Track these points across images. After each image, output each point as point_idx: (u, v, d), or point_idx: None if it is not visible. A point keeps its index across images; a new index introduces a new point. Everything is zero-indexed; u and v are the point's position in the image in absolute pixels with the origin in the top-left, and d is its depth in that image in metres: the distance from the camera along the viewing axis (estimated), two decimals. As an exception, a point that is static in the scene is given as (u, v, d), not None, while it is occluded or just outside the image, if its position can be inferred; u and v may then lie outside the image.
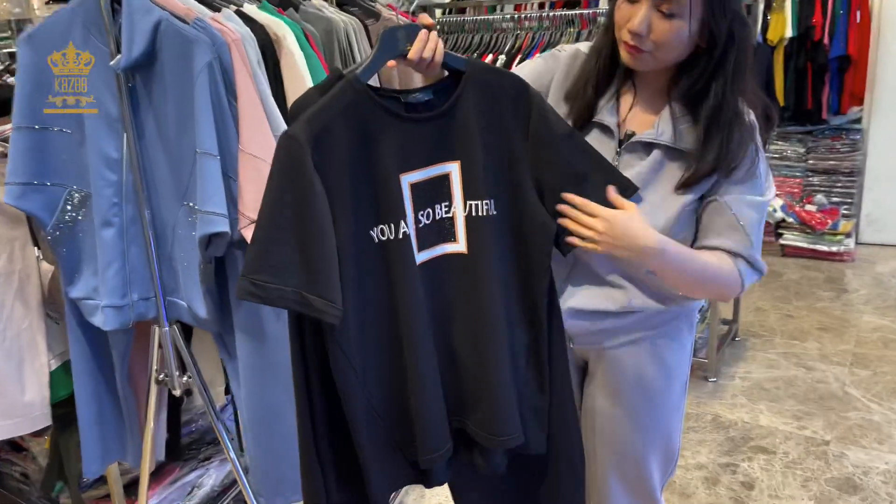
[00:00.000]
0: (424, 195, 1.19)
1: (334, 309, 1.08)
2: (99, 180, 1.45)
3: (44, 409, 1.71)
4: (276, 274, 1.06)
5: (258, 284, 1.06)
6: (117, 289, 1.50)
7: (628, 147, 1.28)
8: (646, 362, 1.39)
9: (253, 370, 1.56)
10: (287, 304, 1.07)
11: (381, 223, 1.16)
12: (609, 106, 1.31)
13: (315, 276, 1.06)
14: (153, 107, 1.44)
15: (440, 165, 1.19)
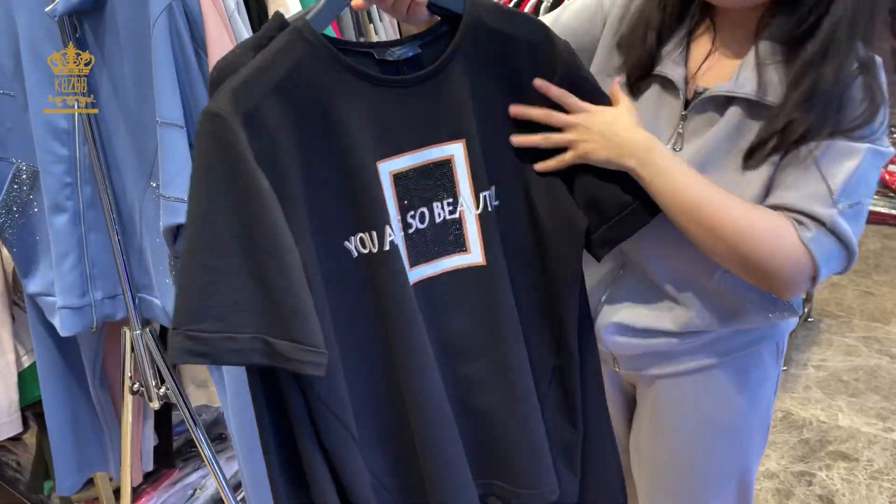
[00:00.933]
0: (415, 190, 0.90)
1: (315, 355, 0.78)
2: (47, 155, 1.19)
3: (12, 415, 1.50)
4: (223, 317, 0.76)
5: (198, 337, 0.75)
6: (75, 286, 1.24)
7: (697, 107, 0.96)
8: (712, 397, 1.09)
9: (240, 381, 1.30)
10: (245, 357, 0.77)
11: (359, 231, 0.86)
12: (676, 54, 0.98)
13: (281, 312, 0.77)
14: (107, 62, 1.16)
15: (437, 147, 0.89)
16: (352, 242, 0.87)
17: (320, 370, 0.79)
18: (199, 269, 0.76)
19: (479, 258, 0.93)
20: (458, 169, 0.91)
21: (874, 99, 0.87)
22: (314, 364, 0.78)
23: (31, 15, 1.14)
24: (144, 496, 1.82)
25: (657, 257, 1.01)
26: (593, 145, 0.90)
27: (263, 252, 0.76)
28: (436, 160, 0.90)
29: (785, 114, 0.87)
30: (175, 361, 0.78)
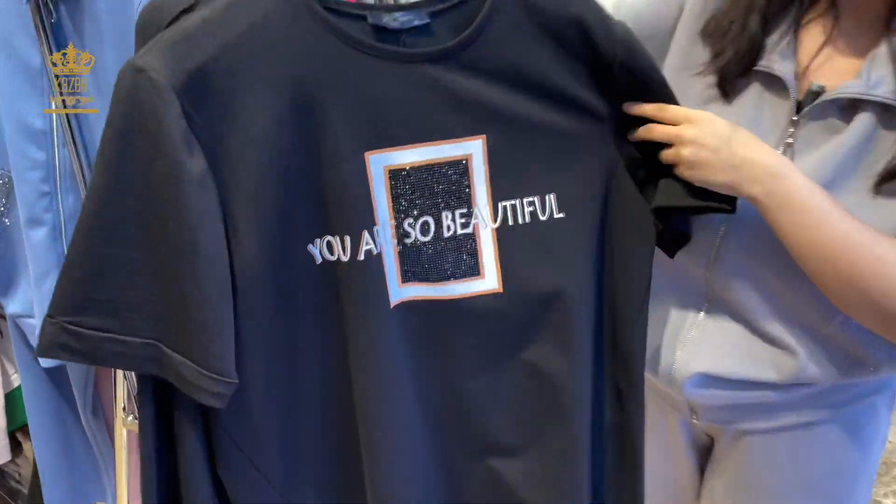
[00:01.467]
0: (418, 193, 0.72)
1: (216, 383, 0.64)
2: (21, 160, 1.03)
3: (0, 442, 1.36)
4: (113, 314, 0.63)
5: (78, 333, 0.63)
6: (56, 309, 1.09)
7: (814, 111, 0.78)
8: (815, 458, 0.91)
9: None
10: (133, 364, 0.65)
11: (327, 233, 0.70)
12: (784, 44, 0.80)
13: (185, 324, 0.63)
14: (87, 52, 0.99)
15: (451, 143, 0.72)
16: (316, 246, 0.70)
17: (220, 402, 0.65)
18: (90, 253, 0.63)
19: (495, 284, 0.75)
20: (474, 172, 0.73)
21: None
22: (212, 394, 0.64)
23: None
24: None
25: (761, 295, 0.83)
26: (708, 166, 0.72)
27: (175, 254, 0.62)
28: (448, 159, 0.72)
29: None
30: (44, 356, 0.66)
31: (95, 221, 0.63)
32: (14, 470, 2.03)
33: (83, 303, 0.63)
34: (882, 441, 0.93)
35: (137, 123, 0.61)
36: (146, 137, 0.61)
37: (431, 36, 0.70)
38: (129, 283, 0.63)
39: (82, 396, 1.26)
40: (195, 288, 0.62)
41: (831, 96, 0.76)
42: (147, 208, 0.62)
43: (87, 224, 0.63)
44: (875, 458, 0.94)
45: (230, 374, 0.65)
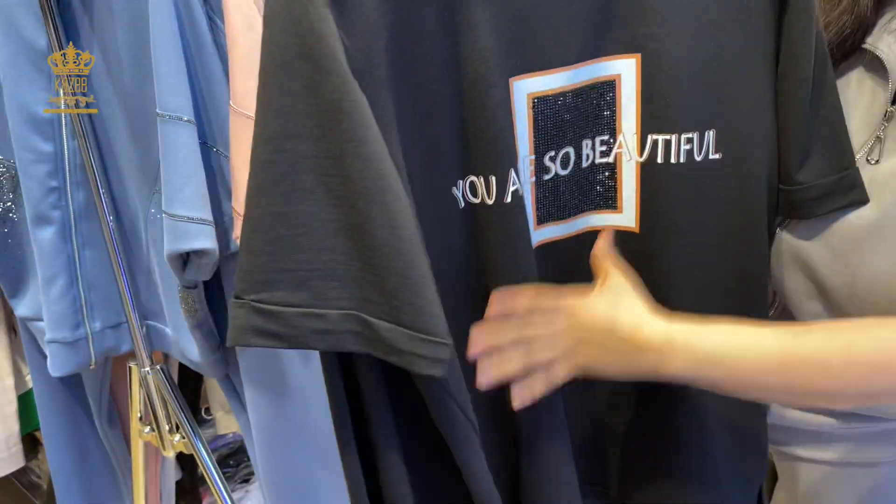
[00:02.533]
0: (561, 121, 0.64)
1: (433, 346, 0.55)
2: (26, 152, 0.93)
3: (11, 448, 1.29)
4: (304, 285, 0.54)
5: (269, 312, 0.54)
6: (66, 316, 1.00)
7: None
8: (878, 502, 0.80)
9: (273, 434, 1.05)
10: (335, 342, 0.55)
11: (471, 173, 0.62)
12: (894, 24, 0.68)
13: (386, 283, 0.54)
14: (97, 32, 0.89)
15: (600, 62, 0.63)
16: (459, 187, 0.62)
17: (438, 369, 0.55)
18: (267, 215, 0.54)
19: (632, 222, 0.67)
20: (623, 95, 0.64)
21: None
22: (430, 360, 0.55)
23: (0, -29, 0.87)
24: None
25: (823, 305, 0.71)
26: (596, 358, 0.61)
27: (361, 194, 0.53)
28: (596, 80, 0.63)
29: None
30: (238, 343, 0.56)
31: (265, 177, 0.53)
32: (35, 464, 1.98)
33: (270, 275, 0.54)
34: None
35: (296, 48, 0.51)
36: (308, 64, 0.51)
37: None
38: (315, 244, 0.54)
39: (97, 403, 1.18)
40: (389, 234, 0.53)
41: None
42: (322, 149, 0.53)
43: (256, 182, 0.54)
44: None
45: (445, 335, 0.55)
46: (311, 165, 0.53)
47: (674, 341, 0.58)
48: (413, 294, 0.54)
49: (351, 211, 0.53)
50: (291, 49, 0.51)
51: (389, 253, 0.53)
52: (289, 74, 0.52)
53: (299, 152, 0.53)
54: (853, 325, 0.60)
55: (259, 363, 1.00)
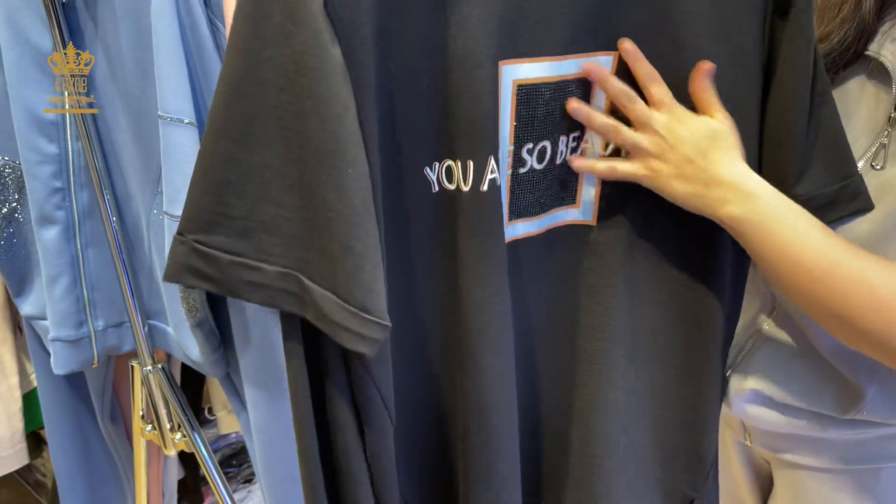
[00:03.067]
0: (543, 113, 0.63)
1: (368, 325, 0.54)
2: (30, 153, 0.95)
3: (15, 446, 1.30)
4: (248, 234, 0.54)
5: (208, 255, 0.55)
6: (69, 315, 1.01)
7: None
8: None
9: (272, 433, 1.06)
10: (269, 298, 0.55)
11: (447, 157, 0.60)
12: None
13: (330, 249, 0.53)
14: (101, 35, 0.91)
15: (578, 58, 0.63)
16: (433, 171, 0.60)
17: (366, 347, 0.55)
18: (222, 158, 0.54)
19: (589, 216, 0.68)
20: (596, 92, 0.65)
21: None
22: (358, 336, 0.54)
23: (6, -25, 0.89)
24: (174, 522, 1.62)
25: None
26: (670, 171, 0.62)
27: (315, 155, 0.52)
28: (574, 76, 0.63)
29: None
30: (173, 280, 0.57)
31: (225, 121, 0.53)
32: (40, 463, 1.99)
33: (215, 217, 0.54)
34: None
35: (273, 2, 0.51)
36: (283, 8, 0.50)
37: None
38: (264, 196, 0.54)
39: (100, 401, 1.19)
40: (338, 199, 0.52)
41: None
42: (286, 101, 0.52)
43: (215, 124, 0.54)
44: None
45: (381, 314, 0.54)
46: (272, 115, 0.52)
47: (747, 187, 0.62)
48: (354, 266, 0.53)
49: (304, 169, 0.53)
50: (265, 6, 0.51)
51: (335, 218, 0.53)
52: (263, 18, 0.51)
53: (262, 99, 0.52)
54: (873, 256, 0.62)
55: (259, 363, 1.01)
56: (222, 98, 0.54)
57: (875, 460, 0.78)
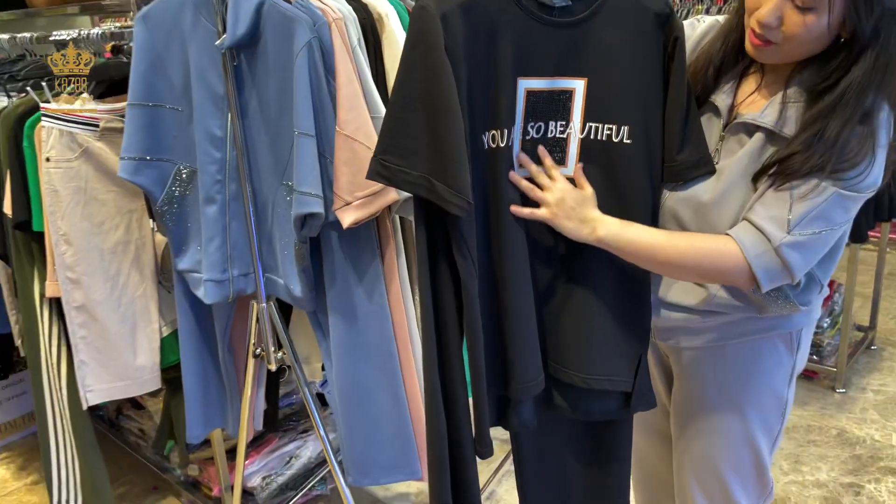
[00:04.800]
0: (540, 107, 1.15)
1: (461, 200, 1.05)
2: (204, 157, 1.49)
3: (154, 373, 1.80)
4: (405, 156, 1.05)
5: (386, 165, 1.06)
6: (218, 264, 1.54)
7: (731, 129, 1.17)
8: (728, 372, 1.28)
9: (344, 349, 1.56)
10: (413, 188, 1.06)
11: (492, 128, 1.13)
12: (727, 87, 1.20)
13: (444, 163, 1.04)
14: (256, 86, 1.45)
15: (564, 80, 1.14)
16: (486, 136, 1.12)
17: (462, 212, 1.05)
18: (394, 118, 1.06)
19: (572, 173, 1.19)
20: (575, 100, 1.15)
21: (864, 147, 1.04)
22: (459, 206, 1.05)
23: (201, 47, 1.45)
24: (248, 458, 2.10)
25: None
26: (562, 215, 1.15)
27: (439, 113, 1.03)
28: (561, 89, 1.14)
29: (789, 148, 1.06)
30: (369, 178, 1.08)
31: (395, 98, 1.06)
32: (135, 426, 2.47)
33: (389, 147, 1.06)
34: (786, 375, 1.28)
35: (420, 36, 1.04)
36: (424, 44, 1.03)
37: (571, 12, 1.11)
38: (414, 135, 1.04)
39: (223, 335, 1.70)
40: (451, 137, 1.03)
41: (739, 120, 1.15)
42: (424, 88, 1.03)
43: (392, 101, 1.07)
44: (779, 386, 1.28)
45: (467, 194, 1.04)
46: (418, 95, 1.04)
47: (604, 220, 1.14)
48: (456, 169, 1.04)
49: (433, 120, 1.03)
50: (416, 38, 1.04)
51: (448, 147, 1.03)
52: (415, 48, 1.04)
53: (413, 89, 1.04)
54: (683, 234, 1.14)
55: (338, 298, 1.53)
56: (396, 89, 1.07)
57: (722, 339, 1.26)
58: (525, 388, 1.20)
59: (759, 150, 1.12)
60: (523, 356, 1.20)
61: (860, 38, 1.03)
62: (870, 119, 1.06)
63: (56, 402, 1.86)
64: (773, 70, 1.16)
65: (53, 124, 1.61)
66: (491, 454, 1.24)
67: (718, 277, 1.14)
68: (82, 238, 1.66)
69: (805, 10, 1.02)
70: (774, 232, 1.07)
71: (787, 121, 1.10)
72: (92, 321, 1.72)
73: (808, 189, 1.06)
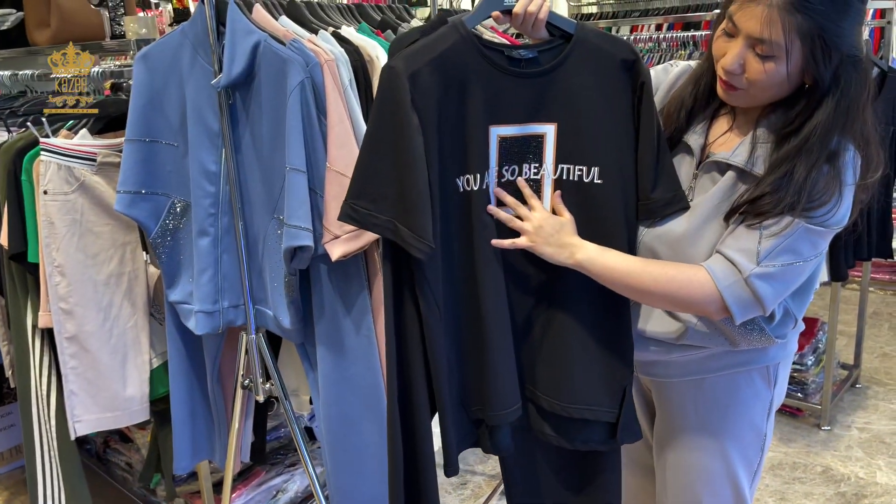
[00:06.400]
0: (513, 151, 1.21)
1: (423, 244, 1.12)
2: (198, 191, 1.54)
3: (143, 405, 1.82)
4: (374, 201, 1.14)
5: (356, 209, 1.15)
6: (209, 295, 1.57)
7: (704, 168, 1.22)
8: (707, 404, 1.31)
9: (331, 381, 1.59)
10: (380, 230, 1.15)
11: (466, 173, 1.20)
12: (700, 127, 1.25)
13: (408, 209, 1.12)
14: (250, 123, 1.50)
15: (535, 125, 1.21)
16: (461, 180, 1.19)
17: (423, 255, 1.14)
18: (365, 164, 1.16)
19: (548, 209, 1.24)
20: (547, 143, 1.22)
21: (831, 187, 1.09)
22: (420, 250, 1.13)
23: (197, 85, 1.50)
24: (235, 492, 2.10)
25: None
26: (541, 242, 1.20)
27: (405, 164, 1.12)
28: (533, 134, 1.22)
29: (759, 189, 1.11)
30: (341, 220, 1.17)
31: (368, 148, 1.15)
32: (122, 459, 2.47)
33: (360, 192, 1.15)
34: (764, 408, 1.31)
35: (388, 95, 1.12)
36: (392, 102, 1.11)
37: (538, 63, 1.19)
38: (382, 183, 1.13)
39: (212, 365, 1.73)
40: (414, 186, 1.11)
41: (711, 159, 1.21)
42: (392, 139, 1.12)
43: (363, 149, 1.16)
44: (758, 419, 1.31)
45: (429, 239, 1.12)
46: (387, 147, 1.13)
47: (582, 245, 1.19)
48: (419, 215, 1.12)
49: (399, 170, 1.12)
50: (385, 95, 1.12)
51: (413, 193, 1.11)
52: (385, 105, 1.12)
53: (382, 141, 1.13)
54: (658, 262, 1.18)
55: (326, 330, 1.56)
56: (367, 139, 1.16)
57: (700, 373, 1.29)
58: (500, 416, 1.24)
59: (730, 187, 1.17)
60: (499, 385, 1.24)
61: (821, 85, 1.08)
62: (836, 159, 1.11)
63: (44, 433, 1.87)
64: (744, 112, 1.22)
65: (52, 158, 1.65)
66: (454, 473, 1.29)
67: (691, 306, 1.18)
68: (76, 269, 1.69)
69: (765, 59, 1.08)
70: (744, 263, 1.11)
71: (756, 160, 1.15)
72: (83, 352, 1.74)
73: (778, 227, 1.11)
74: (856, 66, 1.09)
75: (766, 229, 1.11)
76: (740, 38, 1.09)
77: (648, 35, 2.89)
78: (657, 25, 4.03)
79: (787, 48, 1.06)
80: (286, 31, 1.47)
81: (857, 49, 1.09)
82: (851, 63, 1.08)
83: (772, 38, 1.05)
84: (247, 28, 1.43)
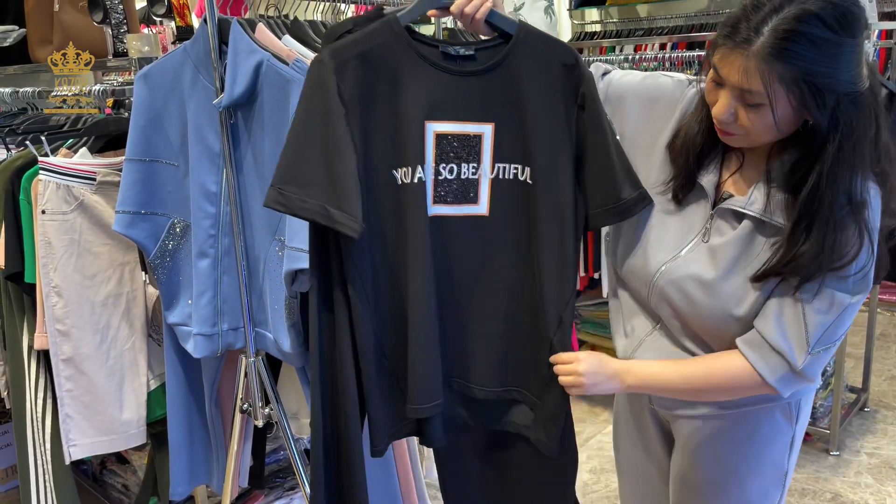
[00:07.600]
0: (450, 149, 1.21)
1: (354, 222, 1.11)
2: (198, 212, 1.51)
3: (140, 428, 1.79)
4: (303, 186, 1.12)
5: (284, 194, 1.12)
6: (208, 318, 1.54)
7: (719, 212, 1.17)
8: (726, 442, 1.26)
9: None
10: (310, 214, 1.12)
11: (402, 165, 1.18)
12: (712, 167, 1.20)
13: (339, 193, 1.11)
14: (252, 143, 1.48)
15: (473, 125, 1.20)
16: (398, 172, 1.19)
17: (355, 234, 1.12)
18: (293, 151, 1.14)
19: (485, 210, 1.24)
20: (484, 143, 1.21)
21: (861, 240, 1.04)
22: (352, 228, 1.12)
23: (199, 105, 1.48)
24: (234, 517, 2.06)
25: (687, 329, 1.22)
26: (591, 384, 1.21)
27: (332, 150, 1.12)
28: (470, 133, 1.21)
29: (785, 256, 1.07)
30: (267, 206, 1.13)
31: (296, 136, 1.14)
32: (118, 481, 2.43)
33: (288, 178, 1.12)
34: (786, 444, 1.27)
35: (316, 85, 1.12)
36: (320, 92, 1.12)
37: (475, 61, 1.18)
38: (311, 168, 1.12)
39: (210, 388, 1.69)
40: (343, 170, 1.11)
41: (726, 206, 1.15)
42: (319, 127, 1.12)
43: (291, 137, 1.14)
44: (779, 457, 1.27)
45: (359, 217, 1.12)
46: (314, 134, 1.12)
47: (629, 370, 1.21)
48: (349, 197, 1.11)
49: (327, 156, 1.11)
50: (313, 84, 1.12)
51: (340, 178, 1.11)
52: (312, 95, 1.12)
53: (310, 129, 1.12)
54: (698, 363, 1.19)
55: (328, 355, 1.53)
56: (295, 127, 1.14)
57: (720, 410, 1.23)
58: (418, 410, 1.25)
59: (748, 235, 1.14)
60: (420, 379, 1.24)
61: (819, 129, 1.03)
62: (861, 211, 1.05)
63: (39, 455, 1.83)
64: (750, 152, 1.18)
65: (50, 177, 1.63)
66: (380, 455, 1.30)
67: (735, 396, 1.20)
68: (74, 290, 1.67)
69: (754, 107, 1.04)
70: (794, 356, 1.10)
71: (775, 208, 1.11)
72: (79, 374, 1.71)
73: (823, 302, 1.08)
74: (856, 103, 1.03)
75: (808, 304, 1.08)
76: (727, 88, 1.06)
77: (653, 55, 2.87)
78: (661, 45, 4.02)
79: (770, 97, 1.01)
80: (289, 51, 1.45)
81: (856, 84, 1.02)
82: (850, 101, 1.02)
83: (752, 88, 1.02)
84: (249, 47, 1.41)
